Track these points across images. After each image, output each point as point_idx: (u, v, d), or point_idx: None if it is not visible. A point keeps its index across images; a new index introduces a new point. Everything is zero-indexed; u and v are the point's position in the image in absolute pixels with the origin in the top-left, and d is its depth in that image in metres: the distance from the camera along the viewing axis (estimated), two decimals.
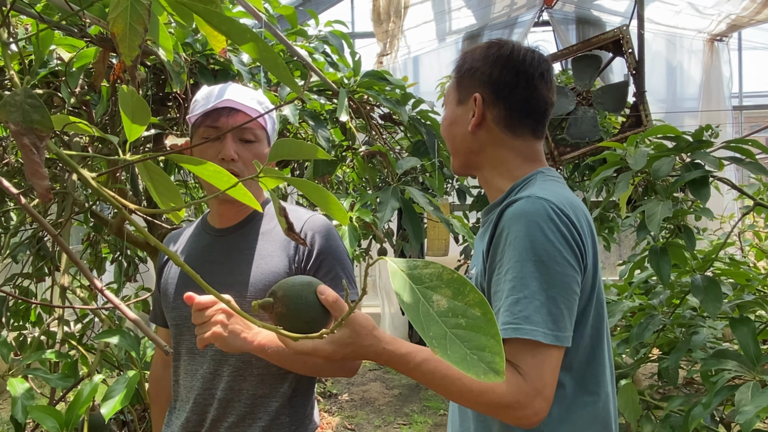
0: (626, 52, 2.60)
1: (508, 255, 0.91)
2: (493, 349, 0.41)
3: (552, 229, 0.91)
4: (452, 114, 1.12)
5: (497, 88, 1.05)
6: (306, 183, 0.83)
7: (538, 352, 0.86)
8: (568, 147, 2.80)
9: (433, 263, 0.47)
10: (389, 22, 4.34)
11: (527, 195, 0.95)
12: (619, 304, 2.12)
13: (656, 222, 1.61)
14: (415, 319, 0.43)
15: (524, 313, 0.87)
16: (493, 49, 1.07)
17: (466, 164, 1.13)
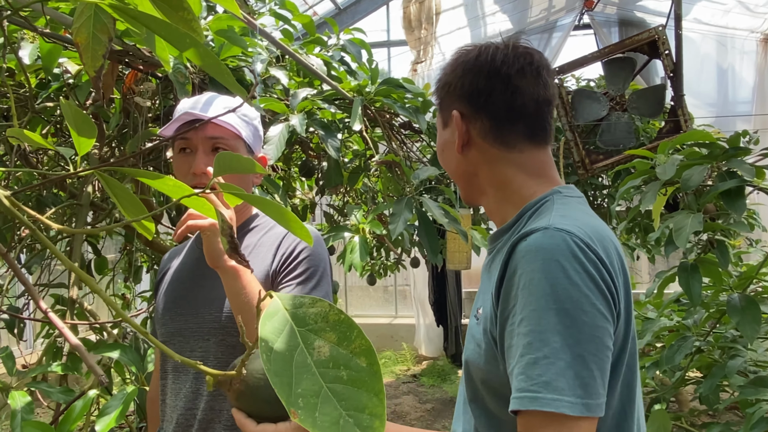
0: (662, 54, 2.45)
1: (523, 301, 0.73)
2: (373, 411, 0.34)
3: (577, 270, 0.73)
4: (441, 139, 0.98)
5: (472, 98, 0.91)
6: (263, 200, 0.77)
7: (564, 426, 0.69)
8: (600, 155, 2.66)
9: (320, 300, 0.39)
10: (421, 29, 4.27)
11: (544, 226, 0.77)
12: (655, 323, 1.98)
13: (684, 236, 1.48)
14: (284, 371, 0.35)
15: (545, 377, 0.69)
16: (460, 57, 0.94)
17: (469, 190, 0.97)
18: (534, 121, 0.91)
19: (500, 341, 0.78)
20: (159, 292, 1.31)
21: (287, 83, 1.98)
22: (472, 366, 0.86)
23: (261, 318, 0.39)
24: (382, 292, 6.42)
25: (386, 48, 5.90)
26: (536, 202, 0.88)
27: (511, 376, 0.73)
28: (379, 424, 0.33)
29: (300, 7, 5.41)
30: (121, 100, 1.86)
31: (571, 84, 4.37)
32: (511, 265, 0.77)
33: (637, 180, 1.74)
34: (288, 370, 0.36)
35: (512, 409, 0.72)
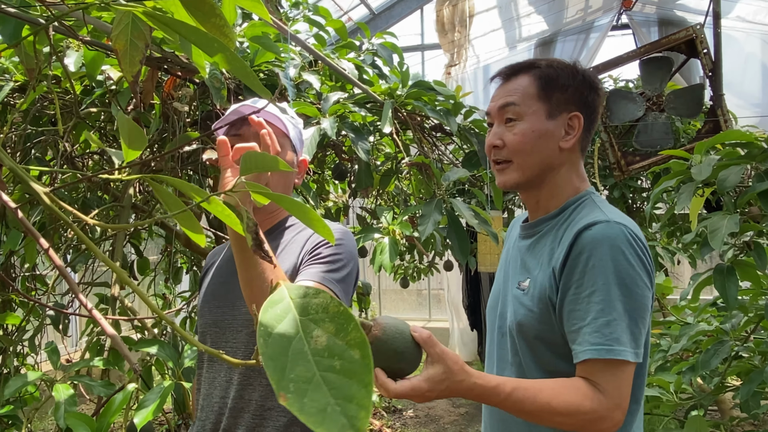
0: (701, 53, 2.40)
1: (592, 278, 0.95)
2: (361, 402, 0.35)
3: (632, 254, 0.96)
4: (542, 126, 1.07)
5: (589, 109, 1.09)
6: (288, 200, 0.79)
7: (620, 370, 0.93)
8: (637, 156, 2.61)
9: (323, 292, 0.41)
10: (454, 32, 4.27)
11: (605, 219, 0.98)
12: (692, 327, 1.93)
13: (720, 238, 1.44)
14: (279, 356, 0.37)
15: (615, 335, 0.92)
16: (579, 68, 1.10)
17: (533, 179, 1.10)
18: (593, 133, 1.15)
19: (559, 305, 0.99)
20: (202, 287, 1.37)
21: (320, 87, 2.02)
22: (525, 327, 1.05)
23: (264, 304, 0.41)
24: (416, 295, 6.42)
25: (420, 52, 5.92)
26: (577, 198, 1.09)
27: (579, 332, 0.95)
28: (365, 414, 0.35)
29: (335, 13, 5.49)
30: (161, 105, 1.93)
31: (609, 84, 4.30)
32: (576, 248, 0.98)
33: (672, 181, 1.70)
34: (284, 356, 0.37)
35: (588, 358, 0.93)
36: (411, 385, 0.87)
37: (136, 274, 3.09)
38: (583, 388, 0.93)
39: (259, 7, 1.00)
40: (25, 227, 0.79)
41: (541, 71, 1.08)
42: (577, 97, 1.07)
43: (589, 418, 0.91)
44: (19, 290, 1.04)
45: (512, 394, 0.91)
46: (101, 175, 0.75)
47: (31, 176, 0.69)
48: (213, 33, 0.87)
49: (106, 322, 0.76)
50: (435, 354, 0.89)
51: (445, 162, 3.05)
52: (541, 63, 1.10)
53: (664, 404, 1.99)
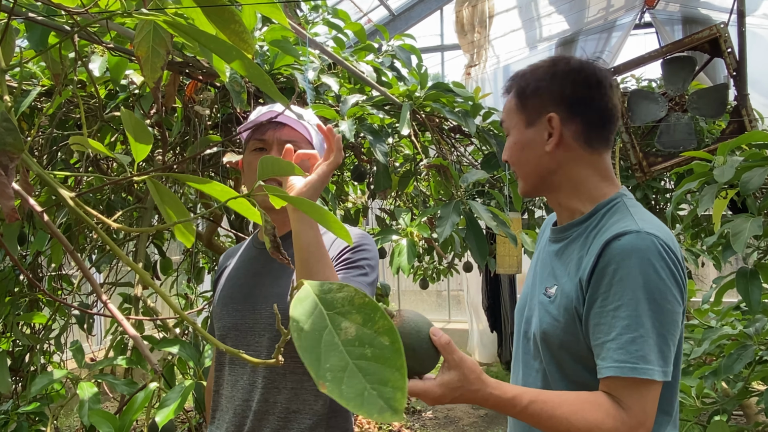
0: (724, 52, 2.36)
1: (619, 291, 0.91)
2: (395, 384, 0.37)
3: (663, 267, 0.92)
4: (522, 138, 1.08)
5: (572, 104, 1.04)
6: (305, 202, 0.81)
7: (645, 388, 0.89)
8: (659, 157, 2.58)
9: (346, 286, 0.42)
10: (474, 32, 4.25)
11: (636, 230, 0.94)
12: (715, 331, 1.90)
13: (743, 241, 1.42)
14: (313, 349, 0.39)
15: (641, 352, 0.89)
16: (560, 66, 1.06)
17: (538, 186, 1.11)
18: (613, 128, 1.07)
19: (585, 317, 0.96)
20: (217, 289, 1.38)
21: (338, 90, 2.04)
22: (550, 336, 1.03)
23: (292, 302, 0.43)
24: (435, 296, 6.41)
25: (440, 53, 5.91)
26: (608, 201, 1.04)
27: (604, 346, 0.92)
28: (401, 395, 0.36)
29: (355, 14, 5.51)
30: (183, 108, 1.96)
31: (631, 84, 4.25)
32: (604, 258, 0.94)
33: (694, 183, 1.68)
34: (317, 348, 0.39)
35: (611, 375, 0.90)
36: (424, 387, 0.88)
37: (159, 275, 3.14)
38: (605, 404, 0.90)
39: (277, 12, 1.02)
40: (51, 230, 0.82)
41: (518, 83, 1.10)
42: (551, 96, 1.05)
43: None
44: (45, 290, 1.07)
45: (529, 407, 0.90)
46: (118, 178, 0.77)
47: (58, 181, 0.71)
48: (232, 39, 0.88)
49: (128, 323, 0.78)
50: (452, 360, 0.89)
51: (465, 164, 3.05)
52: (519, 74, 1.12)
53: (687, 409, 1.97)
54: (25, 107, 1.77)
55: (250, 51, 0.91)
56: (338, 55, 2.27)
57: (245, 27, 0.89)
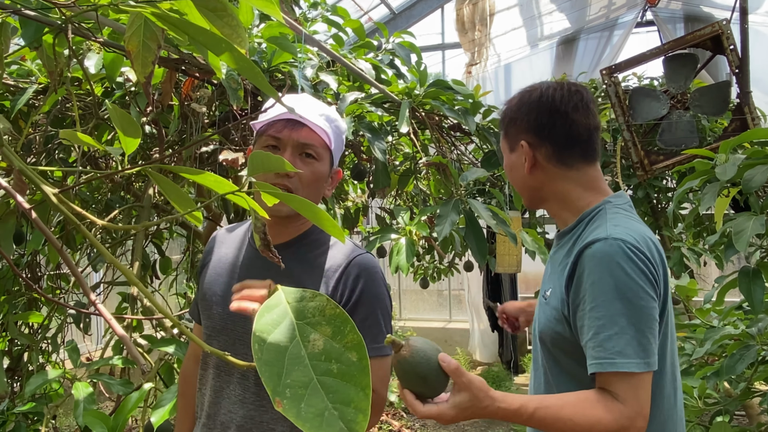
0: (727, 49, 2.34)
1: (593, 294, 1.01)
2: (359, 405, 0.34)
3: (632, 268, 1.00)
4: (508, 161, 1.25)
5: (538, 131, 1.17)
6: (297, 199, 0.79)
7: (633, 379, 0.97)
8: (661, 155, 2.56)
9: (319, 295, 0.40)
10: (474, 30, 4.23)
11: (604, 237, 1.03)
12: (717, 331, 1.88)
13: (745, 240, 1.40)
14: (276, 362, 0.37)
15: (617, 348, 0.97)
16: (525, 97, 1.20)
17: (532, 200, 1.25)
18: (587, 145, 1.17)
19: (572, 320, 1.06)
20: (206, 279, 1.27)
21: (337, 88, 2.02)
22: (545, 335, 1.14)
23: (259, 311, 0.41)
24: (436, 296, 6.39)
25: (441, 51, 5.89)
26: (591, 210, 1.14)
27: (586, 347, 1.01)
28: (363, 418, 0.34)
29: (355, 13, 5.49)
30: (180, 106, 1.95)
31: (633, 82, 4.23)
32: (579, 267, 1.04)
33: (696, 181, 1.66)
34: (280, 361, 0.37)
35: (592, 372, 0.99)
36: (438, 410, 0.95)
37: (158, 274, 3.12)
38: (602, 400, 0.98)
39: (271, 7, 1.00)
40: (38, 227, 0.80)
41: (502, 113, 1.25)
42: (525, 125, 1.18)
43: (612, 429, 0.95)
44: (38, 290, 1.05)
45: (534, 414, 0.97)
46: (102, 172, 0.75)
47: (41, 177, 0.69)
48: (225, 33, 0.87)
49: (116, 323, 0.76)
50: (462, 383, 0.95)
51: (465, 162, 3.03)
52: (505, 104, 1.26)
53: (689, 409, 1.95)
54: (21, 105, 1.76)
55: (244, 45, 0.89)
56: (336, 53, 2.25)
57: (238, 21, 0.87)
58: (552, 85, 1.19)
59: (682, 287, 2.18)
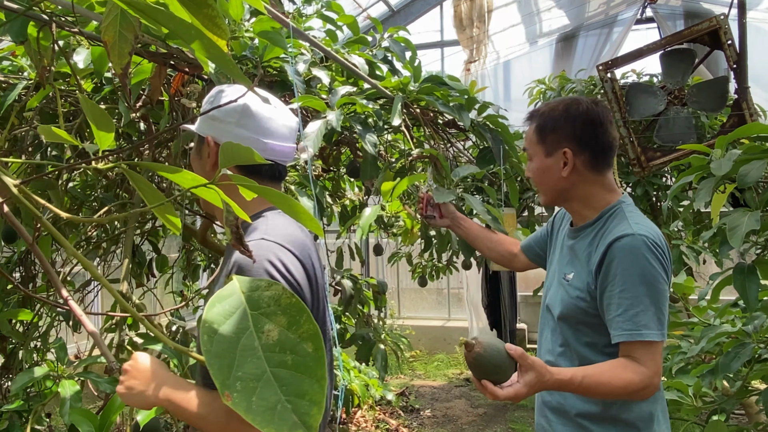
0: (725, 44, 2.31)
1: (623, 279, 1.24)
2: (313, 397, 0.33)
3: (653, 258, 1.25)
4: (542, 164, 1.41)
5: (582, 140, 1.36)
6: (271, 192, 0.77)
7: (653, 347, 1.23)
8: (657, 152, 2.53)
9: (275, 284, 0.38)
10: (473, 27, 4.20)
11: (631, 233, 1.27)
12: (714, 329, 1.86)
13: (740, 236, 1.38)
14: (226, 353, 0.35)
15: (643, 321, 1.22)
16: (571, 109, 1.38)
17: (557, 200, 1.45)
18: (612, 153, 1.41)
19: (600, 299, 1.29)
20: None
21: (329, 83, 2.00)
22: (568, 311, 1.37)
23: (211, 299, 0.39)
24: (435, 294, 6.37)
25: (439, 48, 5.86)
26: (610, 208, 1.38)
27: (613, 320, 1.26)
28: (317, 411, 0.32)
29: (354, 10, 5.47)
30: (170, 101, 1.93)
31: (633, 79, 4.19)
32: (609, 255, 1.27)
33: (691, 177, 1.64)
34: (231, 353, 0.35)
35: (621, 341, 1.24)
36: (515, 390, 1.14)
37: (154, 272, 3.11)
38: (630, 365, 1.22)
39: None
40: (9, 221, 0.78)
41: (538, 120, 1.42)
42: (566, 134, 1.37)
43: (640, 386, 1.20)
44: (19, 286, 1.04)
45: (583, 381, 1.18)
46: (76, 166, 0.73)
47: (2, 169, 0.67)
48: (205, 24, 0.85)
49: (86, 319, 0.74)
50: (527, 364, 1.15)
51: (463, 160, 3.00)
52: (538, 113, 1.44)
53: (685, 408, 1.92)
54: (11, 100, 1.74)
55: (224, 36, 0.87)
56: (329, 47, 2.23)
57: (218, 12, 0.85)
58: (590, 100, 1.40)
59: (679, 285, 2.16)
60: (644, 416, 1.33)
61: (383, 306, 3.70)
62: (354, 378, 4.00)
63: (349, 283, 2.60)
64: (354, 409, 4.11)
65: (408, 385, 5.12)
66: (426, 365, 5.63)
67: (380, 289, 3.64)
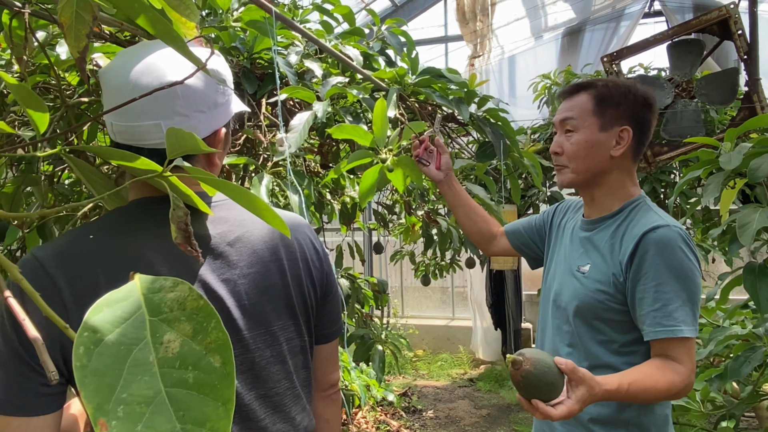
0: (734, 34, 2.22)
1: (659, 271, 1.17)
2: (216, 425, 0.26)
3: (689, 251, 1.19)
4: (594, 137, 1.29)
5: (641, 124, 1.29)
6: (229, 185, 0.70)
7: (689, 344, 1.17)
8: (665, 147, 2.44)
9: (182, 283, 0.31)
10: (476, 21, 4.11)
11: (665, 224, 1.19)
12: (723, 331, 1.78)
13: (750, 233, 1.30)
14: (111, 370, 0.28)
15: (681, 318, 1.15)
16: (633, 88, 1.29)
17: (587, 181, 1.33)
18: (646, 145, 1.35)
19: (631, 292, 1.21)
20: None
21: (321, 75, 1.93)
22: (584, 303, 1.27)
23: (98, 302, 0.32)
24: (439, 293, 6.29)
25: (443, 44, 5.77)
26: (633, 201, 1.30)
27: (648, 315, 1.17)
28: None
29: (357, 5, 5.39)
30: None
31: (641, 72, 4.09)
32: (642, 246, 1.19)
33: (698, 171, 1.56)
34: (118, 370, 0.28)
35: (661, 337, 1.16)
36: (568, 409, 1.04)
37: None
38: (669, 366, 1.15)
39: None
40: None
41: (598, 90, 1.29)
42: (628, 113, 1.27)
43: (681, 386, 1.14)
44: None
45: (630, 389, 1.11)
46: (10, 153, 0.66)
47: None
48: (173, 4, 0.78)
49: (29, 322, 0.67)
50: (578, 378, 1.05)
51: (465, 156, 2.93)
52: (598, 83, 1.31)
53: (692, 413, 1.84)
54: None
55: (194, 18, 0.80)
56: (322, 38, 2.16)
57: None
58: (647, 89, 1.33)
59: None
60: (660, 420, 1.26)
61: (384, 305, 3.64)
62: (355, 378, 3.94)
63: (346, 282, 2.52)
64: (355, 410, 4.05)
65: (411, 385, 5.05)
66: (429, 365, 5.55)
67: (380, 288, 3.57)
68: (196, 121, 0.86)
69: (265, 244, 0.92)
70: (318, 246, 1.03)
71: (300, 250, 0.97)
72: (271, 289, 0.90)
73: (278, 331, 0.91)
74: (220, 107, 0.90)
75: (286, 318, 0.92)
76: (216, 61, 0.92)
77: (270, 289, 0.90)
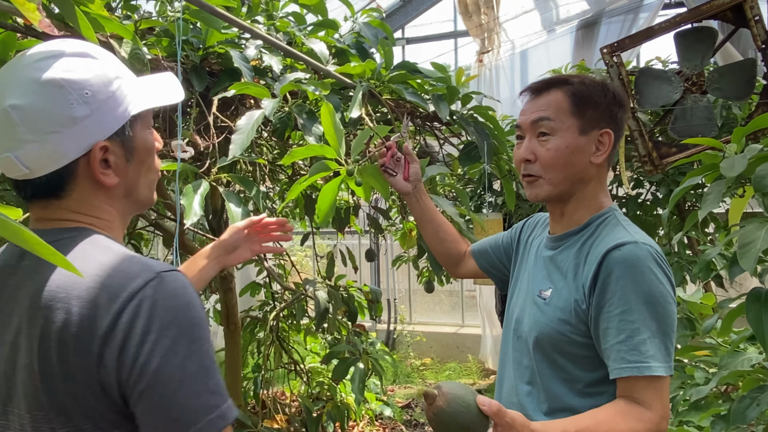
0: (751, 20, 1.97)
1: (625, 296, 1.00)
2: None
3: (660, 273, 1.02)
4: (575, 142, 1.12)
5: (618, 126, 1.15)
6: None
7: (659, 384, 0.99)
8: (672, 147, 2.20)
9: None
10: (480, 13, 3.89)
11: (632, 240, 1.04)
12: (736, 356, 1.54)
13: (753, 255, 1.07)
14: None
15: (650, 352, 0.98)
16: (609, 86, 1.15)
17: (566, 192, 1.15)
18: None
19: (594, 321, 1.04)
20: None
21: (279, 70, 1.75)
22: (544, 337, 1.10)
23: None
24: (448, 297, 6.07)
25: (453, 39, 5.55)
26: (601, 215, 1.14)
27: (612, 349, 1.00)
28: None
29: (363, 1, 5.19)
30: None
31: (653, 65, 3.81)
32: (606, 267, 1.03)
33: (698, 177, 1.33)
34: None
35: (628, 375, 0.98)
36: None
37: None
38: (632, 410, 0.98)
39: None
40: None
41: (574, 88, 1.12)
42: (607, 114, 1.12)
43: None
44: None
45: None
46: None
47: None
48: None
49: None
50: (505, 424, 0.90)
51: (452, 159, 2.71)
52: (573, 79, 1.15)
53: None
54: None
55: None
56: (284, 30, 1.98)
57: None
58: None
59: (694, 304, 1.83)
60: None
61: (379, 315, 3.45)
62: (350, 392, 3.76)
63: (323, 294, 2.34)
64: (351, 424, 3.87)
65: (415, 396, 4.84)
66: (437, 374, 5.34)
67: (374, 298, 3.39)
68: (56, 144, 0.75)
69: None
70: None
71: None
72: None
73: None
74: (87, 120, 0.76)
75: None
76: (78, 61, 0.77)
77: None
